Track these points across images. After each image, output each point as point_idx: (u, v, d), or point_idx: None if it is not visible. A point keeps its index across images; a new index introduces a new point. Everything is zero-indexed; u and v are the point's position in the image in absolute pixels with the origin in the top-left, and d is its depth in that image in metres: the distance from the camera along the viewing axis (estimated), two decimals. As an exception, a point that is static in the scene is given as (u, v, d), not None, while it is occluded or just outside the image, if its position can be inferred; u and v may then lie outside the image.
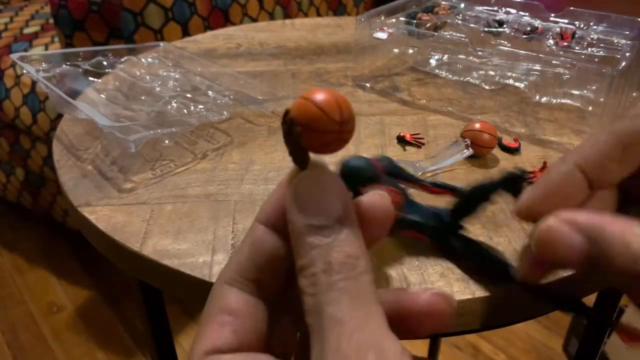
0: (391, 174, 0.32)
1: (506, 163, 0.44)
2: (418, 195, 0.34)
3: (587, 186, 0.23)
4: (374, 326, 0.16)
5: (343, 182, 0.19)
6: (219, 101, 0.53)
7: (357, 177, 0.28)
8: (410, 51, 0.62)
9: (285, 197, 0.19)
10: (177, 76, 0.57)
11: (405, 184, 0.33)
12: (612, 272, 0.20)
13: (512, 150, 0.45)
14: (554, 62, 0.49)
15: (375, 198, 0.20)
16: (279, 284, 0.20)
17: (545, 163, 0.43)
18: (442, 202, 0.33)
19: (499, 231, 0.36)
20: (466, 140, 0.43)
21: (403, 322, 0.19)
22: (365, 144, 0.46)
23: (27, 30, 1.31)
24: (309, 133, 0.18)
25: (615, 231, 0.20)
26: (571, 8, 0.58)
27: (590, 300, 0.55)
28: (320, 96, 0.18)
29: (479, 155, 0.44)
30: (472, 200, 0.31)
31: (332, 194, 0.18)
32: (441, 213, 0.32)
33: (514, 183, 0.29)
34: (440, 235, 0.33)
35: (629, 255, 0.19)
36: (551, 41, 0.54)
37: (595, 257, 0.20)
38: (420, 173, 0.42)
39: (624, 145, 0.23)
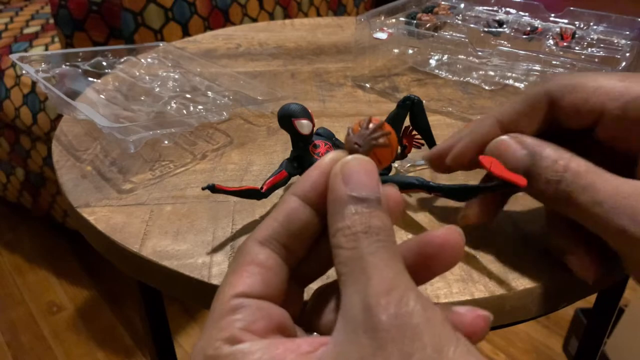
0: (327, 139, 0.40)
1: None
2: None
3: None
4: (408, 277, 0.19)
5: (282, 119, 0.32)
6: (218, 102, 0.53)
7: (289, 113, 0.35)
8: (410, 51, 0.62)
9: (332, 171, 0.22)
10: (176, 76, 0.57)
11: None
12: (538, 185, 0.27)
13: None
14: (554, 62, 0.49)
15: (389, 189, 0.23)
16: (301, 253, 0.23)
17: None
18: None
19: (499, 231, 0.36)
20: None
21: (424, 261, 0.22)
22: (365, 145, 0.46)
23: (27, 30, 1.31)
24: (386, 151, 0.24)
25: (549, 152, 0.27)
26: (571, 8, 0.58)
27: (590, 300, 0.55)
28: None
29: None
30: None
31: (375, 178, 0.21)
32: None
33: (412, 105, 0.37)
34: None
35: (551, 171, 0.27)
36: (551, 41, 0.54)
37: (530, 169, 0.27)
38: (408, 165, 0.43)
39: (532, 106, 0.30)
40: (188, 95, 0.53)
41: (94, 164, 0.45)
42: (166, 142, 0.47)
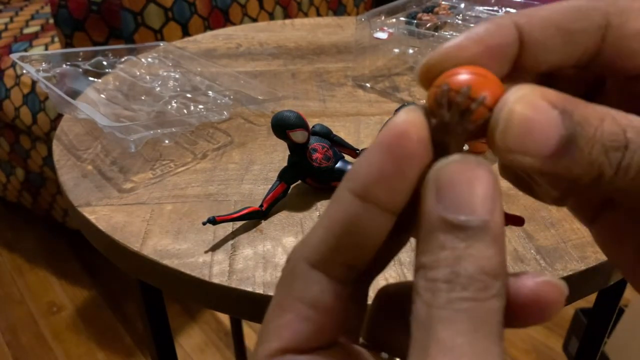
0: (324, 136, 0.40)
1: (506, 163, 0.44)
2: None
3: (514, 57, 0.18)
4: None
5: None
6: (219, 101, 0.53)
7: (284, 123, 0.36)
8: (411, 51, 0.62)
9: (426, 177, 0.15)
10: (177, 76, 0.57)
11: (338, 148, 0.40)
12: (589, 159, 0.16)
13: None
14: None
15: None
16: (367, 265, 0.17)
17: None
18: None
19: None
20: None
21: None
22: (365, 144, 0.46)
23: (27, 30, 1.31)
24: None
25: (588, 110, 0.16)
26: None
27: (590, 300, 0.55)
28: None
29: (477, 152, 0.44)
30: None
31: (483, 191, 0.14)
32: None
33: None
34: None
35: (609, 134, 0.16)
36: (551, 41, 0.54)
37: (569, 143, 0.16)
38: None
39: (577, 21, 0.18)
40: (188, 95, 0.53)
41: (95, 163, 0.45)
42: (167, 141, 0.47)
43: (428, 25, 0.57)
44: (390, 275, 0.32)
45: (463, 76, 0.16)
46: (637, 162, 0.16)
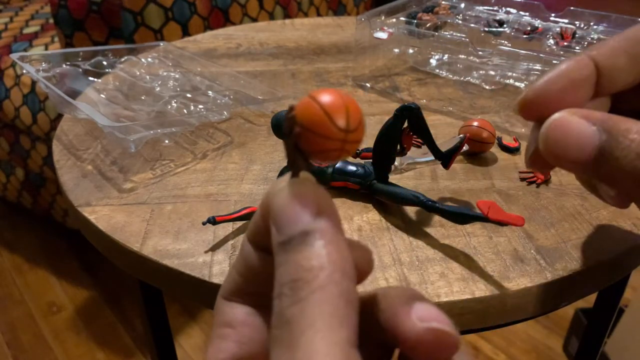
0: None
1: (506, 162, 0.44)
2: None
3: (594, 83, 0.23)
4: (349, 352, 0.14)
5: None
6: (219, 101, 0.53)
7: (282, 123, 0.35)
8: (411, 51, 0.62)
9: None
10: (177, 76, 0.57)
11: None
12: (622, 165, 0.20)
13: (512, 150, 0.45)
14: (554, 62, 0.49)
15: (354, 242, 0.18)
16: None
17: None
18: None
19: (499, 231, 0.36)
20: (461, 135, 0.43)
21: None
22: (365, 144, 0.46)
23: (27, 30, 1.31)
24: (308, 136, 0.16)
25: (627, 125, 0.20)
26: (571, 8, 0.58)
27: (590, 300, 0.55)
28: (327, 98, 0.16)
29: (477, 152, 0.44)
30: (382, 147, 0.37)
31: (298, 205, 0.16)
32: (366, 165, 0.39)
33: (409, 114, 0.35)
34: (366, 182, 0.39)
35: (633, 149, 0.20)
36: (551, 41, 0.54)
37: (604, 151, 0.21)
38: (407, 162, 0.43)
39: None
40: (188, 95, 0.53)
41: (95, 163, 0.45)
42: (167, 141, 0.47)
43: (428, 25, 0.57)
44: (390, 275, 0.32)
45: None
46: None
